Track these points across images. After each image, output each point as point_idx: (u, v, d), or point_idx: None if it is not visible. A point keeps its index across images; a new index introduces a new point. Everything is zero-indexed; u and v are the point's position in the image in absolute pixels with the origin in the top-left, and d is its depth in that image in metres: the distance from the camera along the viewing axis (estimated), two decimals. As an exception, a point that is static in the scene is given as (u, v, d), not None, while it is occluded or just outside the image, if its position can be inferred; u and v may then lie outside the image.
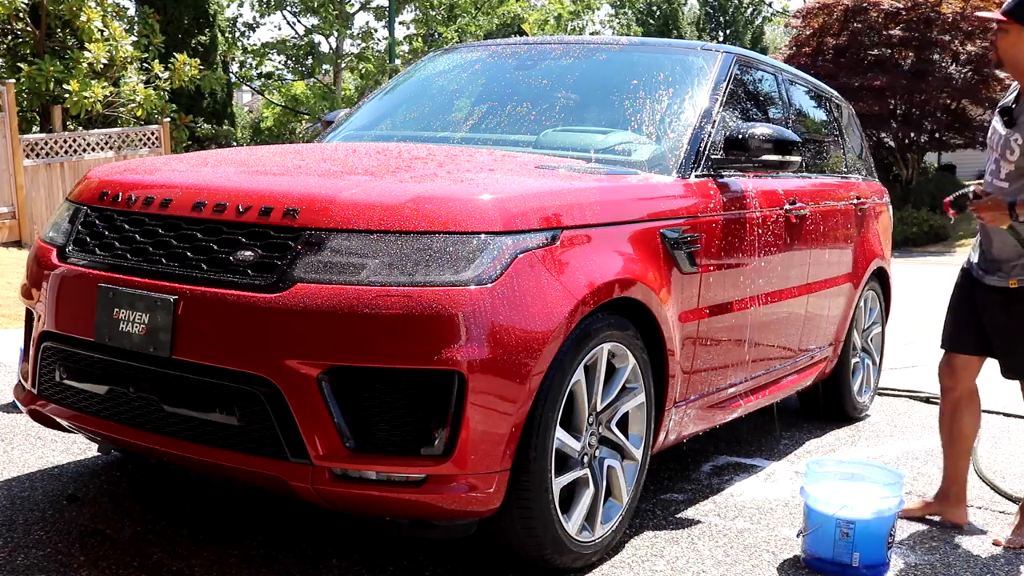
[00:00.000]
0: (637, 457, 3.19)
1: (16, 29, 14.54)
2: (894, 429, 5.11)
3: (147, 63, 15.17)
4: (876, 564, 3.14)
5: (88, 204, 3.05)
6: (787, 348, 4.33)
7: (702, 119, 3.70)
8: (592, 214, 2.95)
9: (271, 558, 2.94)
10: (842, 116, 5.33)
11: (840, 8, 23.43)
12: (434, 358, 2.48)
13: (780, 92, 4.47)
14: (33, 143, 12.66)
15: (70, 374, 2.89)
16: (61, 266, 2.96)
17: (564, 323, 2.70)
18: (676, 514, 3.57)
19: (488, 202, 2.68)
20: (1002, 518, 3.77)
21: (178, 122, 15.86)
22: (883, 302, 5.55)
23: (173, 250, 2.74)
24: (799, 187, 4.31)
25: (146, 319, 2.67)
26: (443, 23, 26.04)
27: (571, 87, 3.99)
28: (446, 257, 2.55)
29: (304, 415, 2.50)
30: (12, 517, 3.17)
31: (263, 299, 2.53)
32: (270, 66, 27.11)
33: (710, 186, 3.58)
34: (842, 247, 4.80)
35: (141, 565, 2.85)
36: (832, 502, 3.14)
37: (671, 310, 3.23)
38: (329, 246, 2.56)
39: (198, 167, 3.13)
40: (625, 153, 3.57)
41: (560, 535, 2.85)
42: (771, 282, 4.00)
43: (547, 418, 2.71)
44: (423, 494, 2.55)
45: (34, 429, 4.08)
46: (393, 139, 3.96)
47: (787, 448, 4.59)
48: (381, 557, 2.99)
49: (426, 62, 4.69)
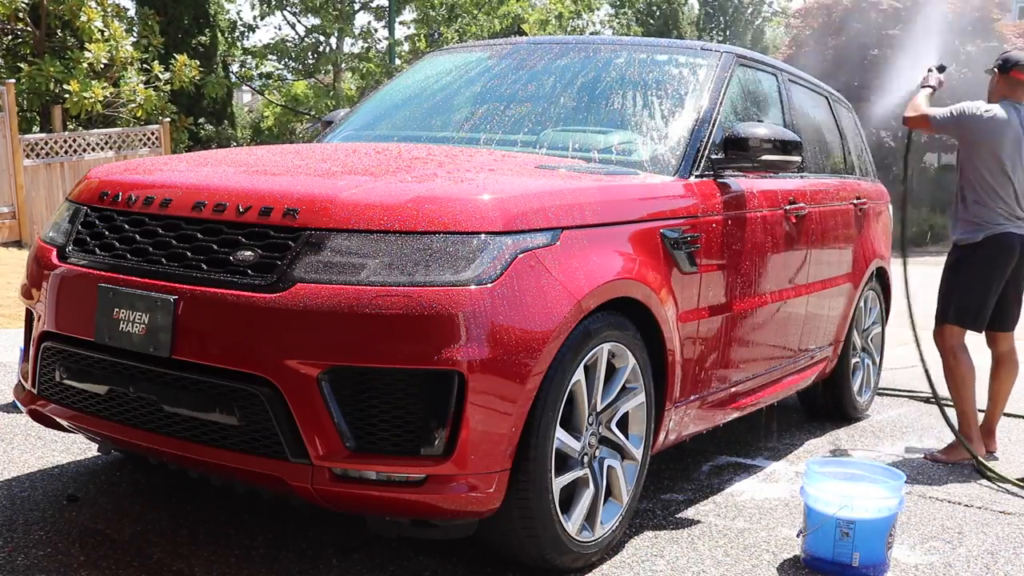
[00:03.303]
0: (637, 457, 3.19)
1: (16, 29, 14.55)
2: (894, 429, 5.11)
3: (147, 63, 15.17)
4: (876, 564, 3.13)
5: (88, 204, 3.05)
6: (787, 348, 4.33)
7: (702, 119, 3.70)
8: (592, 214, 2.95)
9: (271, 558, 2.94)
10: (842, 116, 5.32)
11: (840, 8, 23.44)
12: (434, 358, 2.48)
13: (780, 92, 4.47)
14: (33, 143, 12.66)
15: (70, 374, 2.89)
16: (61, 266, 2.96)
17: (564, 323, 2.70)
18: (676, 514, 3.57)
19: (488, 202, 2.68)
20: (1002, 518, 3.77)
21: (178, 122, 15.86)
22: (883, 302, 5.55)
23: (173, 250, 2.74)
24: (799, 187, 4.31)
25: (146, 319, 2.67)
26: (443, 23, 26.03)
27: (571, 87, 3.99)
28: (446, 257, 2.55)
29: (304, 415, 2.50)
30: (12, 517, 3.17)
31: (263, 299, 2.53)
32: (270, 66, 27.09)
33: (710, 186, 3.58)
34: (842, 247, 4.80)
35: (141, 565, 2.85)
36: (832, 502, 3.14)
37: (671, 310, 3.23)
38: (329, 246, 2.56)
39: (198, 167, 3.13)
40: (625, 153, 3.57)
41: (560, 535, 2.85)
42: (771, 282, 4.00)
43: (547, 418, 2.71)
44: (423, 494, 2.55)
45: (34, 429, 4.08)
46: (393, 139, 3.96)
47: (787, 448, 4.59)
48: (381, 557, 2.99)
49: (426, 62, 4.69)
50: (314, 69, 26.76)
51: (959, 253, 4.56)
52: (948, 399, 5.90)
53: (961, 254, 4.54)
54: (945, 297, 4.59)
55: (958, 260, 4.55)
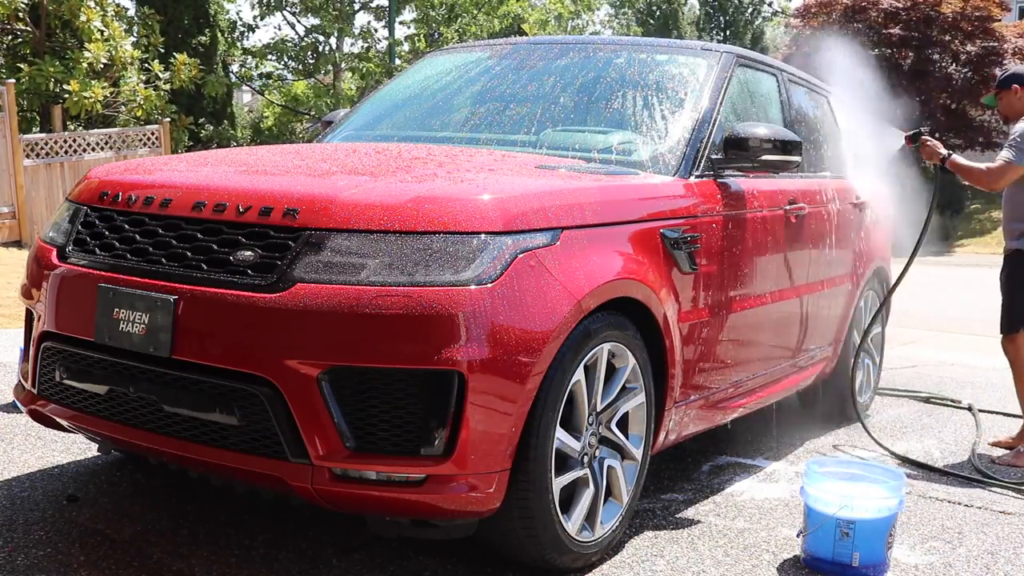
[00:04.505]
0: (637, 457, 3.19)
1: (16, 29, 14.55)
2: (894, 429, 5.11)
3: (147, 63, 15.17)
4: (876, 564, 3.13)
5: (88, 204, 3.05)
6: (787, 348, 4.33)
7: (702, 119, 3.70)
8: (592, 214, 2.95)
9: (271, 558, 2.94)
10: (842, 116, 5.31)
11: (840, 8, 23.43)
12: (434, 358, 2.48)
13: (780, 92, 4.47)
14: (33, 143, 12.66)
15: (70, 374, 2.89)
16: (61, 266, 2.96)
17: (564, 323, 2.70)
18: (676, 514, 3.57)
19: (488, 202, 2.68)
20: (1002, 518, 3.77)
21: (178, 122, 15.87)
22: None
23: (173, 250, 2.74)
24: (799, 187, 4.31)
25: (146, 319, 2.67)
26: (443, 23, 26.03)
27: (571, 87, 3.99)
28: (446, 257, 2.55)
29: (304, 415, 2.50)
30: (12, 517, 3.17)
31: (263, 299, 2.53)
32: (270, 66, 27.10)
33: (710, 186, 3.58)
34: (842, 247, 4.80)
35: (141, 565, 2.85)
36: (832, 502, 3.14)
37: (671, 310, 3.23)
38: (329, 246, 2.56)
39: (198, 167, 3.13)
40: (625, 153, 3.57)
41: (560, 535, 2.85)
42: (771, 282, 4.00)
43: (547, 418, 2.71)
44: (423, 494, 2.55)
45: (34, 429, 4.08)
46: (393, 139, 3.96)
47: (787, 448, 4.59)
48: (381, 557, 2.99)
49: (426, 62, 4.69)
50: (314, 69, 26.76)
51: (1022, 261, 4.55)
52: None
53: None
54: (1015, 306, 4.59)
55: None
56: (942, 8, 22.26)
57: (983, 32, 22.57)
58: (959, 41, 22.49)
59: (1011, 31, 23.46)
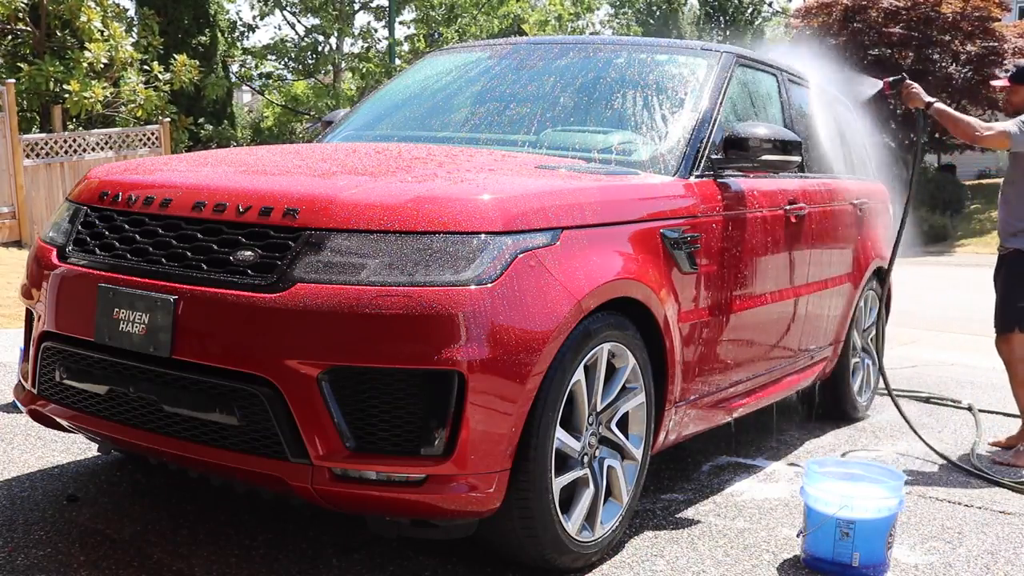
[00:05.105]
0: (637, 457, 3.19)
1: (16, 29, 14.55)
2: (894, 429, 5.11)
3: (147, 64, 15.17)
4: (876, 564, 3.13)
5: (88, 204, 3.05)
6: (787, 348, 4.33)
7: (702, 119, 3.70)
8: (592, 214, 2.95)
9: (271, 558, 2.94)
10: (842, 116, 5.31)
11: (840, 8, 23.42)
12: (434, 358, 2.48)
13: (781, 92, 4.47)
14: (33, 143, 12.66)
15: (70, 374, 2.89)
16: (61, 266, 2.96)
17: (564, 323, 2.70)
18: (676, 514, 3.57)
19: (488, 202, 2.68)
20: (1002, 518, 3.77)
21: (178, 122, 15.87)
22: (883, 302, 5.54)
23: (173, 250, 2.74)
24: (799, 187, 4.31)
25: (146, 319, 2.67)
26: (443, 23, 26.03)
27: (571, 87, 3.99)
28: (446, 257, 2.55)
29: (304, 415, 2.50)
30: (12, 517, 3.17)
31: (263, 299, 2.53)
32: (270, 66, 27.10)
33: (710, 186, 3.58)
34: (842, 247, 4.80)
35: (141, 565, 2.85)
36: (832, 502, 3.14)
37: (671, 310, 3.23)
38: (329, 246, 2.56)
39: (198, 167, 3.13)
40: (625, 153, 3.57)
41: (560, 535, 2.85)
42: (771, 282, 4.00)
43: (547, 418, 2.71)
44: (423, 494, 2.55)
45: (34, 429, 4.08)
46: (393, 139, 3.96)
47: (787, 448, 4.59)
48: (381, 557, 2.99)
49: (426, 62, 4.69)
50: (314, 69, 26.77)
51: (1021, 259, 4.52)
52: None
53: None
54: (1010, 305, 4.57)
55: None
56: (942, 8, 22.24)
57: (983, 32, 22.55)
58: (959, 41, 22.46)
59: (1011, 31, 23.44)
